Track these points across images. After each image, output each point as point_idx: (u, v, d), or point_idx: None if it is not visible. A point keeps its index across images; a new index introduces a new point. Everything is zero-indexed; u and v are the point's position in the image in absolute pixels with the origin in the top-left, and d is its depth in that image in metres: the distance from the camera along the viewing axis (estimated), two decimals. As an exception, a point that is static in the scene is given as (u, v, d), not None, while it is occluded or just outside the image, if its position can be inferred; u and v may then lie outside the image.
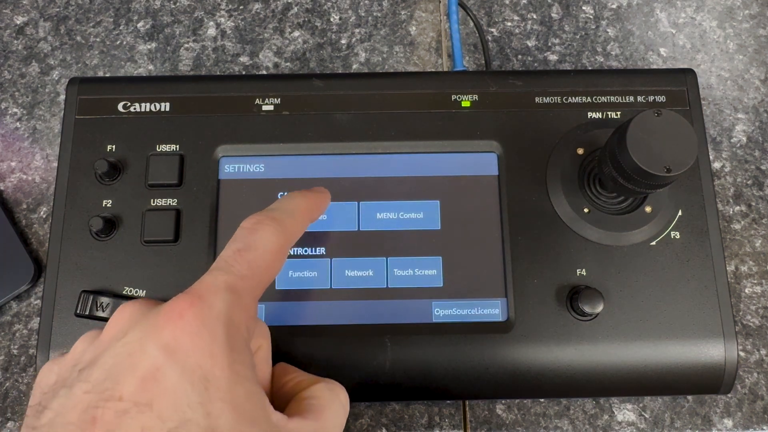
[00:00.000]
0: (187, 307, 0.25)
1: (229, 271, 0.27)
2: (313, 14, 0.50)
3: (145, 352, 0.24)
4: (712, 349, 0.36)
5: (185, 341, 0.24)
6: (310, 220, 0.32)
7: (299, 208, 0.31)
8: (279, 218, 0.30)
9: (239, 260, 0.27)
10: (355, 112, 0.40)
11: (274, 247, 0.29)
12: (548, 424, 0.40)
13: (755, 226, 0.45)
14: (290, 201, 0.32)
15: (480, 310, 0.37)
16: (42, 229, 0.44)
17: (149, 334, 0.25)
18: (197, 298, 0.25)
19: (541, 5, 0.51)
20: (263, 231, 0.29)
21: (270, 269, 0.29)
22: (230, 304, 0.26)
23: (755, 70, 0.49)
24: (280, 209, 0.31)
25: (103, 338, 0.26)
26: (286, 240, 0.30)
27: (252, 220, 0.29)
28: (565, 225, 0.38)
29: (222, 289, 0.26)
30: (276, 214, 0.30)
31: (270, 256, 0.28)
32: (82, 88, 0.40)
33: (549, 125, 0.39)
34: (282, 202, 0.31)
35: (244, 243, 0.28)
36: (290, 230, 0.30)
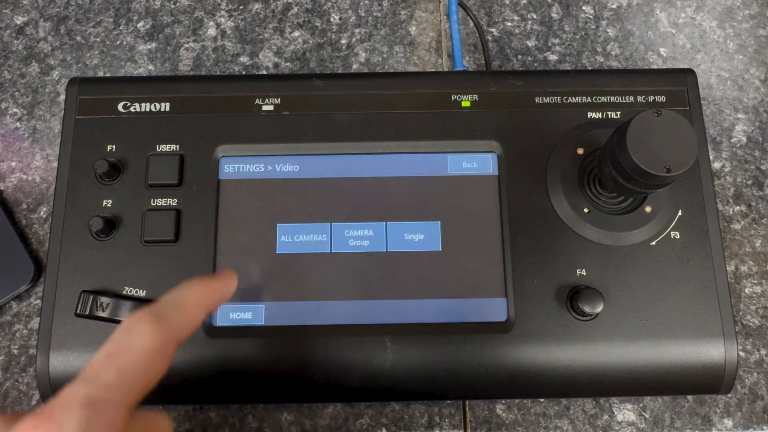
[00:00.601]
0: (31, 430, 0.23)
1: (91, 382, 0.25)
2: (313, 14, 0.50)
3: None
4: (712, 349, 0.36)
5: None
6: (207, 310, 0.30)
7: (190, 299, 0.29)
8: (161, 314, 0.27)
9: (107, 367, 0.25)
10: (355, 112, 0.40)
11: (152, 346, 0.26)
12: (548, 424, 0.40)
13: (755, 226, 0.45)
14: (181, 293, 0.29)
15: (480, 309, 0.37)
16: (42, 229, 0.44)
17: None
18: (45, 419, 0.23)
19: (541, 5, 0.51)
20: (140, 330, 0.26)
21: (146, 372, 0.26)
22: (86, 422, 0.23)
23: (755, 70, 0.49)
24: (167, 303, 0.28)
25: None
26: (168, 336, 0.27)
27: (132, 319, 0.27)
28: (565, 225, 0.38)
29: (77, 405, 0.24)
30: (159, 309, 0.28)
31: (145, 358, 0.26)
32: (82, 88, 0.40)
33: (549, 125, 0.39)
34: (171, 295, 0.29)
35: (117, 346, 0.26)
36: (175, 326, 0.28)
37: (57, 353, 0.36)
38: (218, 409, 0.40)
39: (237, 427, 0.40)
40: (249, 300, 0.37)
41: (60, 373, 0.35)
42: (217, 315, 0.37)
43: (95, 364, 0.26)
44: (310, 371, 0.35)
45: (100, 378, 0.25)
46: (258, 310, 0.37)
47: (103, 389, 0.25)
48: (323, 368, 0.36)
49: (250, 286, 0.37)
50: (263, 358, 0.36)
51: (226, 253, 0.37)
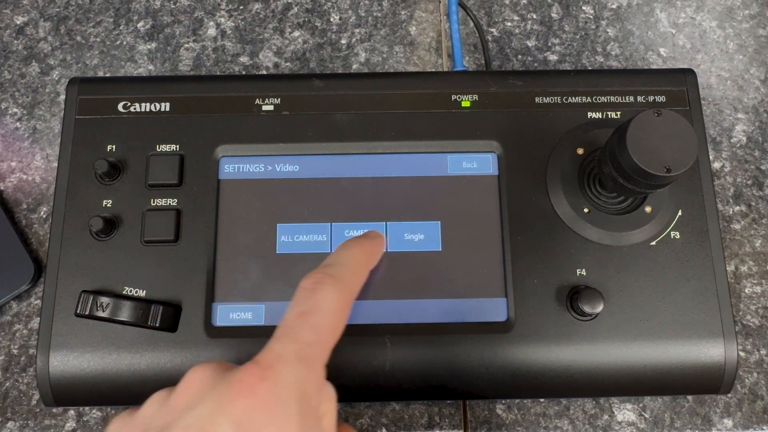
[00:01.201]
0: (258, 380, 0.24)
1: (296, 339, 0.26)
2: (313, 14, 0.50)
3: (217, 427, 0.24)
4: (712, 349, 0.36)
5: (258, 416, 0.24)
6: (368, 269, 0.32)
7: (356, 260, 0.31)
8: (338, 275, 0.29)
9: (304, 325, 0.27)
10: (355, 112, 0.40)
11: (337, 307, 0.28)
12: (548, 424, 0.40)
13: (755, 226, 0.45)
14: (346, 253, 0.31)
15: (480, 309, 0.37)
16: (42, 229, 0.44)
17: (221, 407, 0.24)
18: (268, 370, 0.25)
19: (541, 5, 0.51)
20: (324, 291, 0.28)
21: (335, 331, 0.28)
22: (301, 376, 0.25)
23: (755, 70, 0.49)
24: (337, 264, 0.30)
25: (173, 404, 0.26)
26: (348, 296, 0.29)
27: (311, 279, 0.29)
28: (565, 225, 0.38)
29: (293, 359, 0.26)
30: (334, 270, 0.29)
31: (333, 318, 0.28)
32: (82, 88, 0.40)
33: (549, 125, 0.39)
34: (338, 256, 0.31)
35: (306, 306, 0.28)
36: (351, 286, 0.29)
37: (57, 353, 0.36)
38: (218, 409, 0.40)
39: (237, 427, 0.40)
40: (249, 300, 0.37)
41: (60, 373, 0.35)
42: (217, 315, 0.37)
43: (290, 322, 0.27)
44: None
45: (302, 336, 0.26)
46: (258, 310, 0.37)
47: (306, 346, 0.26)
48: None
49: (250, 286, 0.37)
50: (263, 358, 0.36)
51: (226, 253, 0.37)
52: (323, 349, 0.27)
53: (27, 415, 0.40)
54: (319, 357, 0.27)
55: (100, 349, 0.36)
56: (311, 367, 0.26)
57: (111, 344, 0.36)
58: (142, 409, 0.27)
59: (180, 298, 0.36)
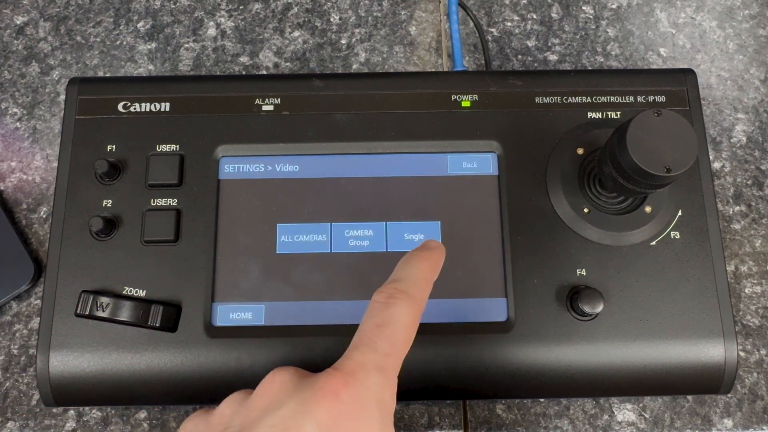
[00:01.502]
0: (342, 386, 0.26)
1: (374, 349, 0.27)
2: (313, 14, 0.50)
3: (302, 428, 0.24)
4: (712, 349, 0.36)
5: (342, 421, 0.25)
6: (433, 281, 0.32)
7: (423, 274, 0.31)
8: (408, 291, 0.30)
9: (381, 337, 0.28)
10: (355, 112, 0.40)
11: (409, 321, 0.29)
12: (548, 424, 0.40)
13: (755, 226, 0.45)
14: (413, 268, 0.31)
15: (480, 309, 0.37)
16: (42, 229, 0.44)
17: (305, 409, 0.25)
18: (350, 376, 0.26)
19: (541, 5, 0.51)
20: (397, 306, 0.29)
21: (407, 343, 0.29)
22: (381, 385, 0.27)
23: (755, 70, 0.49)
24: (407, 279, 0.31)
25: (254, 405, 0.27)
26: (418, 311, 0.30)
27: (384, 294, 0.29)
28: (565, 225, 0.38)
29: (373, 369, 0.27)
30: (404, 286, 0.30)
31: (406, 330, 0.29)
32: (82, 88, 0.40)
33: (549, 125, 0.39)
34: (406, 270, 0.31)
35: (382, 318, 0.29)
36: (420, 301, 0.30)
37: (57, 353, 0.36)
38: (218, 409, 0.40)
39: (237, 427, 0.40)
40: (249, 300, 0.37)
41: (60, 373, 0.35)
42: (217, 315, 0.37)
43: (368, 333, 0.28)
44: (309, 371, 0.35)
45: (380, 346, 0.28)
46: (258, 310, 0.37)
47: (384, 357, 0.27)
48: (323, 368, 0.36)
49: (250, 286, 0.37)
50: (263, 358, 0.36)
51: (226, 253, 0.37)
52: (398, 359, 0.28)
53: (27, 415, 0.40)
54: (394, 367, 0.28)
55: (100, 349, 0.36)
56: (388, 377, 0.27)
57: (111, 344, 0.36)
58: (219, 408, 0.28)
59: (180, 298, 0.36)
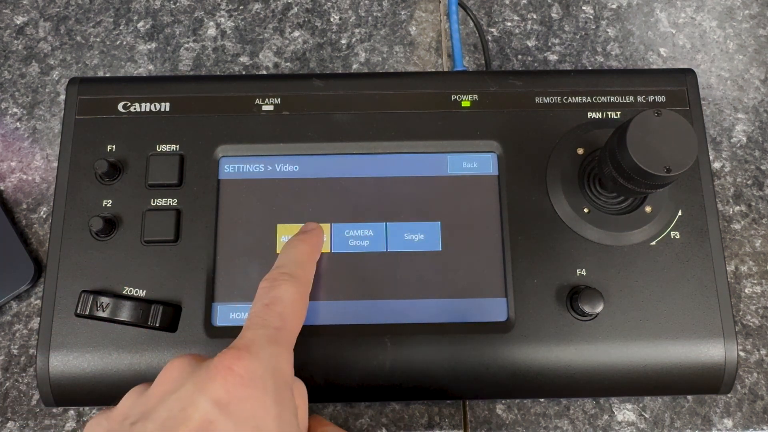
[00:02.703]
0: (235, 360, 0.26)
1: (265, 325, 0.29)
2: (313, 14, 0.50)
3: (198, 406, 0.25)
4: (712, 349, 0.36)
5: (236, 392, 0.25)
6: (315, 260, 0.35)
7: (303, 256, 0.34)
8: (291, 272, 0.32)
9: (270, 313, 0.29)
10: (355, 112, 0.40)
11: (296, 297, 0.31)
12: (548, 424, 0.40)
13: (755, 226, 0.45)
14: (293, 252, 0.34)
15: (480, 309, 0.37)
16: (42, 229, 0.44)
17: (201, 387, 0.25)
18: (244, 350, 0.27)
19: (541, 5, 0.51)
20: (282, 286, 0.31)
21: (298, 317, 0.31)
22: (274, 355, 0.28)
23: (755, 70, 0.49)
24: (288, 263, 0.33)
25: (153, 392, 0.27)
26: (303, 288, 0.32)
27: (269, 279, 0.32)
28: (565, 225, 0.38)
29: (265, 342, 0.28)
30: (287, 269, 0.32)
31: (295, 306, 0.31)
32: (82, 88, 0.40)
33: (549, 125, 0.39)
34: (287, 255, 0.34)
35: (269, 298, 0.30)
36: (303, 279, 0.33)
37: (57, 353, 0.36)
38: (218, 409, 0.40)
39: (237, 427, 0.40)
40: (249, 300, 0.37)
41: (60, 373, 0.35)
42: (217, 315, 0.37)
43: (258, 313, 0.30)
44: (310, 371, 0.35)
45: (270, 322, 0.29)
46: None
47: (275, 330, 0.29)
48: (323, 368, 0.36)
49: (250, 286, 0.37)
50: (263, 358, 0.36)
51: (226, 253, 0.37)
52: (291, 332, 0.30)
53: (27, 415, 0.40)
54: (287, 340, 0.29)
55: (100, 349, 0.36)
56: (282, 348, 0.28)
57: (111, 344, 0.36)
58: (121, 402, 0.28)
59: (180, 298, 0.36)
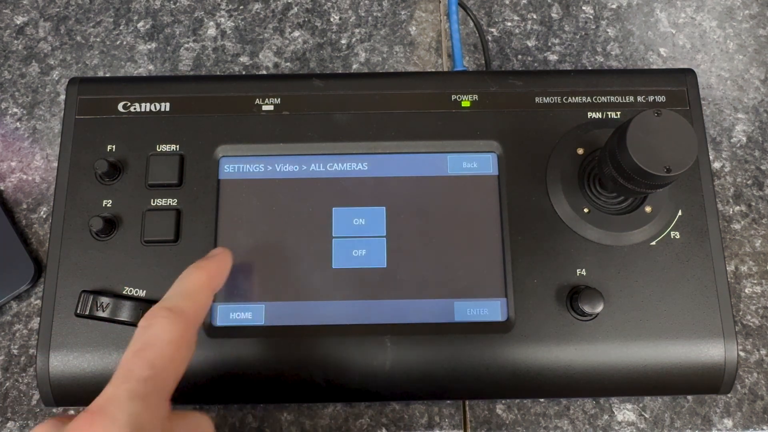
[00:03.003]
0: (87, 426, 0.24)
1: (128, 378, 0.26)
2: (313, 14, 0.50)
3: None
4: (712, 349, 0.36)
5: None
6: (213, 291, 0.32)
7: (195, 286, 0.31)
8: (173, 306, 0.29)
9: (138, 362, 0.27)
10: (355, 112, 0.40)
11: (173, 336, 0.28)
12: (548, 424, 0.40)
13: (755, 226, 0.45)
14: (184, 282, 0.31)
15: (480, 310, 0.37)
16: (42, 229, 0.44)
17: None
18: (98, 414, 0.25)
19: (541, 5, 0.51)
20: (157, 325, 0.28)
21: (174, 361, 0.28)
22: (135, 413, 0.25)
23: (755, 70, 0.49)
24: (174, 296, 0.30)
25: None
26: (185, 325, 0.29)
27: (147, 317, 0.29)
28: (565, 225, 0.38)
29: (124, 399, 0.25)
30: (170, 303, 0.29)
31: (170, 349, 0.28)
32: (82, 88, 0.40)
33: (549, 125, 0.39)
34: (177, 286, 0.31)
35: (141, 343, 0.28)
36: (189, 313, 0.29)
37: (57, 353, 0.36)
38: (218, 409, 0.40)
39: (237, 427, 0.40)
40: (249, 300, 0.37)
41: (60, 373, 0.35)
42: (217, 315, 0.37)
43: (126, 362, 0.27)
44: (310, 371, 0.36)
45: (136, 373, 0.26)
46: (258, 310, 0.37)
47: (142, 383, 0.26)
48: (323, 368, 0.36)
49: (250, 286, 0.37)
50: (263, 358, 0.36)
51: (226, 253, 0.37)
52: (163, 380, 0.27)
53: (27, 415, 0.40)
54: (156, 390, 0.27)
55: (100, 349, 0.36)
56: (147, 403, 0.26)
57: (111, 344, 0.36)
58: None
59: (180, 298, 0.36)
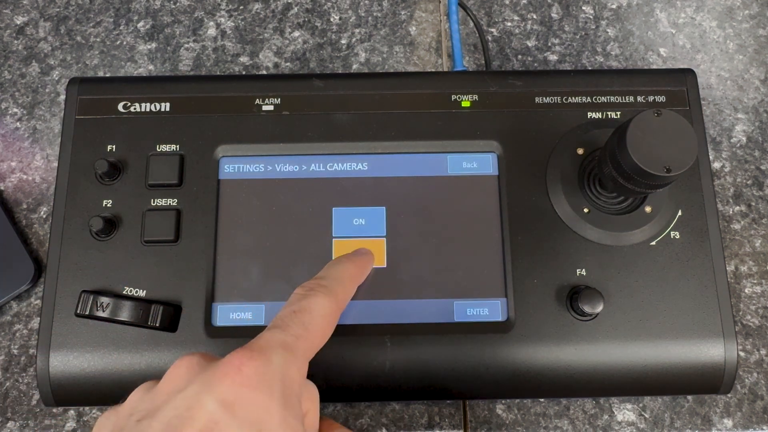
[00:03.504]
0: (246, 360, 0.26)
1: (285, 331, 0.28)
2: (313, 14, 0.50)
3: (204, 406, 0.24)
4: (712, 349, 0.36)
5: (243, 395, 0.25)
6: (357, 284, 0.34)
7: (347, 274, 0.33)
8: (330, 286, 0.31)
9: (295, 321, 0.29)
10: (355, 112, 0.40)
11: (327, 312, 0.30)
12: (548, 424, 0.40)
13: (755, 226, 0.45)
14: (338, 268, 0.33)
15: (480, 310, 0.37)
16: (42, 229, 0.44)
17: (208, 387, 0.25)
18: (257, 352, 0.26)
19: (541, 5, 0.51)
20: (316, 297, 0.30)
21: (323, 332, 0.30)
22: (286, 361, 0.27)
23: (755, 70, 0.49)
24: (330, 277, 0.32)
25: (160, 389, 0.27)
26: (337, 306, 0.31)
27: (305, 287, 0.31)
28: (565, 225, 0.38)
29: (279, 345, 0.27)
30: (326, 282, 0.31)
31: (323, 320, 0.30)
32: (82, 88, 0.40)
33: (549, 125, 0.39)
34: (331, 270, 0.33)
35: (299, 306, 0.30)
36: (340, 297, 0.31)
37: (57, 353, 0.36)
38: (218, 409, 0.40)
39: (237, 427, 0.40)
40: (249, 300, 0.37)
41: (60, 373, 0.35)
42: (218, 315, 0.37)
43: (284, 316, 0.29)
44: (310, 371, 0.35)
45: (291, 329, 0.28)
46: (258, 310, 0.37)
47: (294, 338, 0.28)
48: (323, 368, 0.36)
49: (250, 286, 0.37)
50: (263, 358, 0.36)
51: (226, 253, 0.37)
52: (310, 344, 0.29)
53: (27, 415, 0.40)
54: (304, 350, 0.28)
55: (100, 349, 0.36)
56: (296, 357, 0.28)
57: (111, 344, 0.36)
58: (129, 397, 0.28)
59: (180, 298, 0.36)
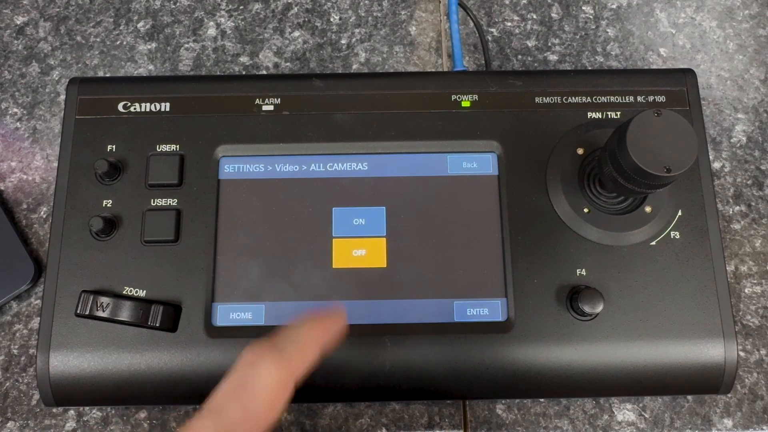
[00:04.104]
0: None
1: (221, 416, 0.25)
2: (313, 14, 0.50)
3: None
4: (712, 349, 0.36)
5: None
6: (321, 345, 0.29)
7: (306, 335, 0.29)
8: (283, 350, 0.27)
9: (233, 402, 0.26)
10: (355, 112, 0.40)
11: (274, 385, 0.26)
12: (548, 424, 0.40)
13: (755, 226, 0.45)
14: (300, 331, 0.29)
15: (480, 310, 0.37)
16: (42, 229, 0.44)
17: None
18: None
19: (541, 5, 0.51)
20: (263, 367, 0.26)
21: (268, 411, 0.26)
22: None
23: (755, 70, 0.49)
24: (286, 340, 0.28)
25: None
26: (290, 375, 0.27)
27: (254, 351, 0.27)
28: (565, 225, 0.38)
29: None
30: (280, 345, 0.27)
31: (268, 397, 0.26)
32: (82, 88, 0.40)
33: (549, 125, 0.39)
34: (288, 330, 0.29)
35: (242, 380, 0.26)
36: (296, 364, 0.27)
37: (57, 353, 0.36)
38: (218, 409, 0.40)
39: (237, 427, 0.40)
40: (249, 300, 0.37)
41: (60, 373, 0.35)
42: (217, 315, 0.37)
43: (220, 397, 0.26)
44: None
45: (227, 413, 0.25)
46: (258, 310, 0.37)
47: (232, 425, 0.25)
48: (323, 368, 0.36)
49: (250, 286, 0.37)
50: (263, 358, 0.36)
51: (226, 253, 0.37)
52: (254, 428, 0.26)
53: (27, 415, 0.40)
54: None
55: (100, 349, 0.36)
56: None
57: (111, 344, 0.36)
58: None
59: (180, 298, 0.36)
